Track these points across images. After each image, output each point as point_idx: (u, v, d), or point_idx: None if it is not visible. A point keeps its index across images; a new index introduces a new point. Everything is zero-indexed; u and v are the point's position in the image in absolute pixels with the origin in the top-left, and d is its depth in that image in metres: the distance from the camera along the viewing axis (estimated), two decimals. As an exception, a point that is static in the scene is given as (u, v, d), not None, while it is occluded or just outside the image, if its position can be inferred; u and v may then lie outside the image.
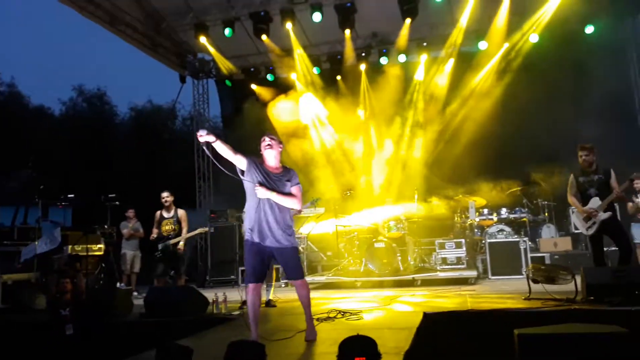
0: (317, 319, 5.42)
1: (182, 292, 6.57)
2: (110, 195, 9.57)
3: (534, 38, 11.38)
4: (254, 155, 4.68)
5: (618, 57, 11.74)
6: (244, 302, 7.02)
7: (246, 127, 12.52)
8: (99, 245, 9.65)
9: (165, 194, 8.13)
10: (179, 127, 24.17)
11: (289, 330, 4.91)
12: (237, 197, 7.43)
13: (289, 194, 4.55)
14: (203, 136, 4.40)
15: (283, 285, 9.83)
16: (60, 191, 10.26)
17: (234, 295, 7.38)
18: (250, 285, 4.41)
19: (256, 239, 4.42)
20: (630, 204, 8.78)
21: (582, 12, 11.22)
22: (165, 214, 8.12)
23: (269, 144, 4.64)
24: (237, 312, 6.41)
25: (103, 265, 9.81)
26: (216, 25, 11.78)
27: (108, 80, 26.91)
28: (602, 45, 11.34)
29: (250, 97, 13.48)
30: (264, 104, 12.69)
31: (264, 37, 11.50)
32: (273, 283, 7.38)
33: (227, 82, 14.04)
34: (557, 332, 2.95)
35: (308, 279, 9.62)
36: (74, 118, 22.01)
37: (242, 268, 7.62)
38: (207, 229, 8.37)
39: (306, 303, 4.63)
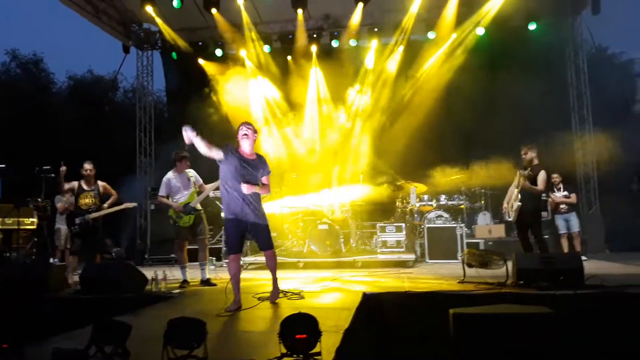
0: (259, 298, 5.44)
1: (120, 269, 6.39)
2: (44, 167, 9.07)
3: (480, 31, 11.73)
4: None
5: (557, 55, 12.32)
6: (183, 282, 6.97)
7: (191, 103, 12.25)
8: (31, 219, 9.23)
9: (88, 165, 7.41)
10: (120, 100, 23.21)
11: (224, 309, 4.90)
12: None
13: (266, 187, 5.24)
14: (188, 133, 4.87)
15: (213, 267, 9.79)
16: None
17: (175, 274, 7.28)
18: (231, 256, 5.15)
19: (235, 217, 5.07)
20: (549, 199, 9.42)
21: (527, 9, 11.70)
22: (85, 186, 7.39)
23: (245, 134, 5.18)
24: (177, 291, 6.32)
25: (35, 239, 9.39)
26: (164, -5, 11.34)
27: (45, 46, 25.31)
28: (544, 43, 11.88)
29: (197, 72, 13.13)
30: (211, 80, 12.40)
31: (213, 10, 11.19)
32: (207, 262, 7.33)
33: (173, 55, 13.56)
34: (490, 312, 3.11)
35: (250, 258, 9.73)
36: (6, 84, 20.60)
37: (190, 247, 7.44)
38: (134, 204, 7.76)
39: (273, 270, 5.37)
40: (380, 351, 4.82)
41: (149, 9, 11.31)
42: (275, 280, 5.39)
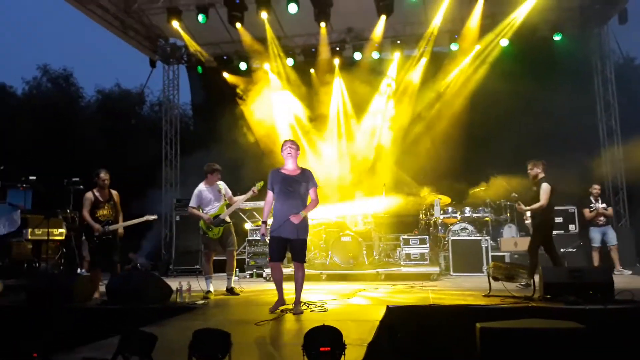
0: (282, 310, 5.45)
1: (145, 279, 6.47)
2: (73, 179, 9.28)
3: (504, 42, 11.64)
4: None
5: (583, 66, 12.14)
6: (207, 292, 7.03)
7: (216, 116, 12.43)
8: (60, 230, 9.42)
9: (105, 175, 7.13)
10: (146, 113, 23.65)
11: (254, 319, 4.92)
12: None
13: (313, 201, 5.59)
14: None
15: (236, 279, 9.83)
16: (21, 173, 9.92)
17: (200, 285, 7.34)
18: (272, 264, 5.62)
19: (281, 232, 5.42)
20: (586, 210, 9.24)
21: (552, 20, 11.59)
22: (100, 197, 7.12)
23: (289, 152, 5.56)
24: (201, 302, 6.36)
25: (64, 250, 9.58)
26: (190, 11, 11.54)
27: (75, 61, 26.02)
28: (569, 54, 11.72)
29: (222, 86, 13.32)
30: (236, 93, 12.55)
31: (238, 25, 11.33)
32: (233, 272, 7.42)
33: (199, 69, 13.79)
34: (518, 326, 3.06)
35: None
36: (37, 98, 21.23)
37: (216, 258, 7.53)
38: (154, 216, 7.64)
39: (300, 283, 5.55)
40: (404, 364, 4.77)
41: (175, 24, 11.55)
42: (299, 292, 5.54)
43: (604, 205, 9.44)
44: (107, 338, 4.09)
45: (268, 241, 5.63)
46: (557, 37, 11.60)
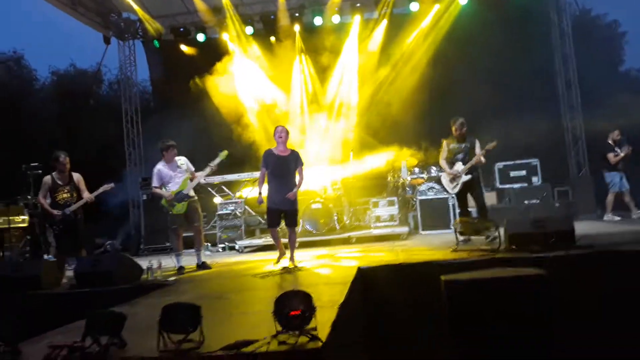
0: (254, 276, 5.48)
1: (114, 261, 6.37)
2: (32, 164, 9.00)
3: (463, 0, 11.60)
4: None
5: (541, 20, 12.23)
6: (179, 268, 6.98)
7: (177, 90, 12.16)
8: (22, 217, 9.17)
9: (64, 158, 6.93)
10: (105, 92, 22.96)
11: (226, 292, 4.93)
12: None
13: (300, 178, 6.55)
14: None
15: (209, 253, 9.81)
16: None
17: (171, 262, 7.29)
18: (272, 229, 6.64)
19: (275, 202, 6.41)
20: (611, 155, 9.35)
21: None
22: (59, 181, 6.97)
23: (280, 136, 6.46)
24: (172, 279, 6.33)
25: (28, 237, 9.34)
26: (141, -18, 11.16)
27: (25, 42, 24.93)
28: (527, 9, 11.80)
29: (181, 59, 12.98)
30: (195, 66, 12.25)
31: (192, -6, 11.01)
32: (202, 247, 7.36)
33: (156, 43, 13.36)
34: (481, 276, 3.15)
35: (246, 242, 9.77)
36: (-12, 83, 20.32)
37: (185, 234, 7.41)
38: (111, 185, 7.28)
39: (293, 243, 6.61)
40: (376, 322, 4.87)
41: (126, -4, 11.11)
42: (293, 250, 6.57)
43: (625, 147, 9.37)
44: (74, 322, 4.04)
45: (266, 208, 6.58)
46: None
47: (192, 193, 7.20)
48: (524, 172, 10.18)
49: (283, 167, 6.44)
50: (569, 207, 10.15)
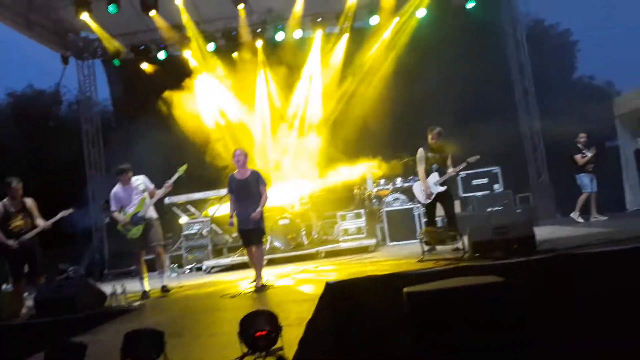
0: (221, 297, 5.42)
1: (76, 287, 6.19)
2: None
3: (421, 13, 11.87)
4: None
5: (497, 30, 12.63)
6: (143, 293, 6.82)
7: (139, 109, 12.00)
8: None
9: (17, 184, 6.65)
10: (65, 113, 22.44)
11: (192, 314, 4.86)
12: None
13: (263, 198, 6.54)
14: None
15: (175, 275, 9.67)
16: None
17: (136, 286, 7.13)
18: (247, 249, 6.71)
19: (242, 226, 6.51)
20: (578, 156, 9.59)
21: (463, -13, 11.93)
22: (12, 207, 6.67)
23: (237, 160, 6.59)
24: (138, 303, 6.19)
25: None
26: (99, 1, 10.95)
27: (-23, 64, 24.20)
28: (483, 20, 12.15)
29: (142, 77, 12.82)
30: (157, 84, 12.11)
31: (152, 12, 10.89)
32: (164, 269, 7.21)
33: (116, 62, 13.14)
34: (441, 287, 3.21)
35: (213, 262, 9.66)
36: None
37: (149, 257, 7.25)
38: (69, 210, 7.13)
39: (258, 262, 6.45)
40: (345, 336, 4.87)
41: (85, 16, 10.91)
42: (259, 273, 6.37)
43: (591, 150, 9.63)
44: (36, 353, 3.90)
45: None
46: (470, 5, 11.94)
47: (151, 214, 7.03)
48: (485, 180, 10.41)
49: (244, 190, 6.58)
50: (530, 212, 10.41)
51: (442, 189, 7.38)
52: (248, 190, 6.55)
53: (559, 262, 5.43)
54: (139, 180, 7.07)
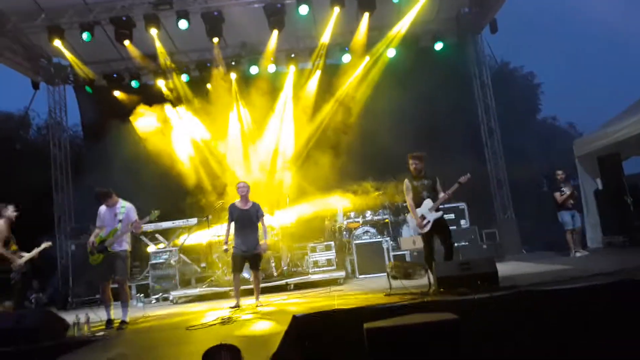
0: (188, 328, 5.37)
1: (37, 317, 6.04)
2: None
3: (391, 53, 12.31)
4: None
5: (463, 72, 13.13)
6: (108, 322, 6.69)
7: (110, 137, 11.93)
8: None
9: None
10: (33, 137, 22.06)
11: (156, 346, 4.80)
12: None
13: (264, 228, 7.63)
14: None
15: (141, 305, 9.49)
16: None
17: (101, 315, 6.98)
18: (235, 274, 7.42)
19: (242, 250, 7.34)
20: (557, 194, 9.68)
21: (432, 30, 12.48)
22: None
23: (242, 192, 7.46)
24: (101, 333, 6.07)
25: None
26: (73, 29, 11.01)
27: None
28: (450, 61, 12.66)
29: (114, 105, 12.80)
30: (129, 112, 12.11)
31: (126, 42, 10.97)
32: (127, 302, 6.91)
33: (88, 89, 13.15)
34: (398, 323, 3.30)
35: (180, 292, 9.52)
36: None
37: (113, 286, 7.10)
38: (49, 243, 7.51)
39: (257, 287, 7.52)
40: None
41: (58, 43, 10.93)
42: (257, 293, 7.51)
43: (571, 187, 9.72)
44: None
45: (231, 255, 7.54)
46: (438, 46, 12.43)
47: (119, 247, 6.81)
48: (452, 216, 10.65)
49: (246, 219, 7.38)
50: (496, 248, 10.67)
51: (438, 215, 6.93)
52: (249, 221, 7.38)
53: (520, 299, 5.60)
54: (124, 208, 6.95)
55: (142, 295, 9.97)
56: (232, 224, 7.52)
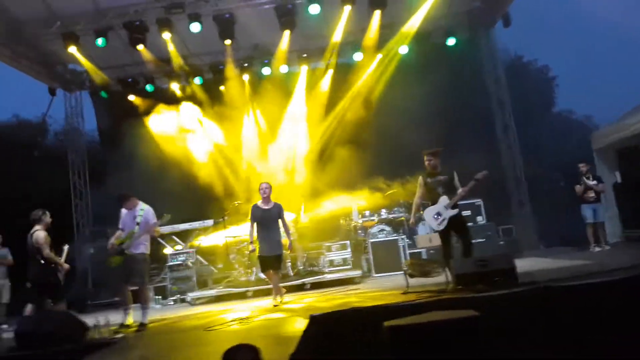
0: (207, 329, 5.40)
1: (58, 319, 6.12)
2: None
3: (403, 50, 12.24)
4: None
5: (477, 66, 13.00)
6: (121, 325, 6.71)
7: (126, 141, 12.04)
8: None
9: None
10: (51, 143, 22.39)
11: (175, 347, 4.84)
12: (117, 215, 7.19)
13: (287, 227, 7.68)
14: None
15: (159, 306, 9.57)
16: None
17: (120, 317, 7.05)
18: (266, 274, 7.67)
19: (265, 250, 7.41)
20: (577, 187, 9.54)
21: (444, 26, 12.39)
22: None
23: (264, 193, 7.50)
24: (119, 335, 6.13)
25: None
26: (87, 35, 11.13)
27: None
28: (464, 56, 12.55)
29: (129, 109, 12.94)
30: (144, 116, 12.22)
31: (140, 47, 11.08)
32: (147, 304, 7.02)
33: (103, 94, 13.33)
34: (420, 321, 3.28)
35: (197, 293, 9.59)
36: None
37: (133, 288, 7.19)
38: (66, 246, 7.65)
39: (276, 286, 7.52)
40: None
41: (73, 49, 11.08)
42: (276, 290, 7.52)
43: (594, 182, 9.53)
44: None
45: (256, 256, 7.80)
46: (451, 41, 12.33)
47: (137, 249, 6.87)
48: (468, 212, 10.54)
49: (269, 219, 7.43)
50: (513, 244, 10.56)
51: (454, 212, 6.73)
52: (272, 220, 7.45)
53: (539, 294, 5.53)
54: (142, 211, 7.00)
55: (159, 297, 10.05)
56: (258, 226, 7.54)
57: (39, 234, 7.01)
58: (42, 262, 7.01)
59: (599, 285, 5.36)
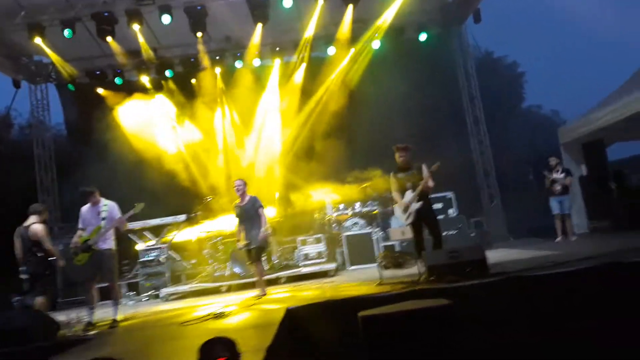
0: (182, 324, 5.37)
1: (28, 317, 5.98)
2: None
3: (376, 44, 12.31)
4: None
5: (448, 62, 13.18)
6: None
7: (94, 135, 11.81)
8: None
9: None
10: (16, 137, 21.78)
11: (150, 343, 4.80)
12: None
13: (262, 219, 7.62)
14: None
15: (132, 303, 9.44)
16: None
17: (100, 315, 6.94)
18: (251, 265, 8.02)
19: (245, 244, 7.64)
20: (546, 180, 9.73)
21: (416, 21, 12.49)
22: None
23: (237, 189, 7.67)
24: (93, 332, 6.04)
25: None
26: (54, 26, 10.83)
27: None
28: (435, 52, 12.69)
29: (98, 102, 12.65)
30: (113, 109, 11.98)
31: (109, 38, 10.84)
32: (117, 300, 6.88)
33: (70, 87, 12.99)
34: (393, 310, 3.35)
35: (171, 289, 9.50)
36: None
37: (100, 285, 7.08)
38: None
39: (259, 279, 7.68)
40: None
41: (38, 40, 10.76)
42: (261, 284, 7.63)
43: (562, 174, 9.71)
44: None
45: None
46: (423, 37, 12.45)
47: (105, 245, 6.78)
48: (440, 205, 10.73)
49: (246, 215, 7.63)
50: (484, 236, 10.78)
51: (418, 205, 6.94)
52: (248, 215, 7.59)
53: (510, 284, 5.68)
54: (106, 207, 6.90)
55: (132, 293, 9.92)
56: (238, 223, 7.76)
57: (37, 226, 6.87)
58: (39, 254, 6.87)
59: (567, 274, 5.54)
